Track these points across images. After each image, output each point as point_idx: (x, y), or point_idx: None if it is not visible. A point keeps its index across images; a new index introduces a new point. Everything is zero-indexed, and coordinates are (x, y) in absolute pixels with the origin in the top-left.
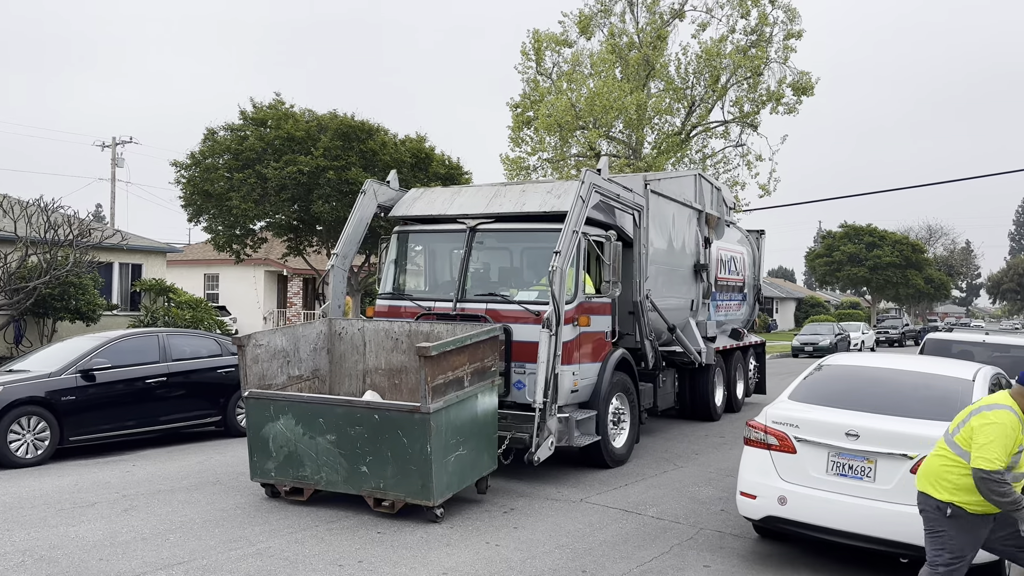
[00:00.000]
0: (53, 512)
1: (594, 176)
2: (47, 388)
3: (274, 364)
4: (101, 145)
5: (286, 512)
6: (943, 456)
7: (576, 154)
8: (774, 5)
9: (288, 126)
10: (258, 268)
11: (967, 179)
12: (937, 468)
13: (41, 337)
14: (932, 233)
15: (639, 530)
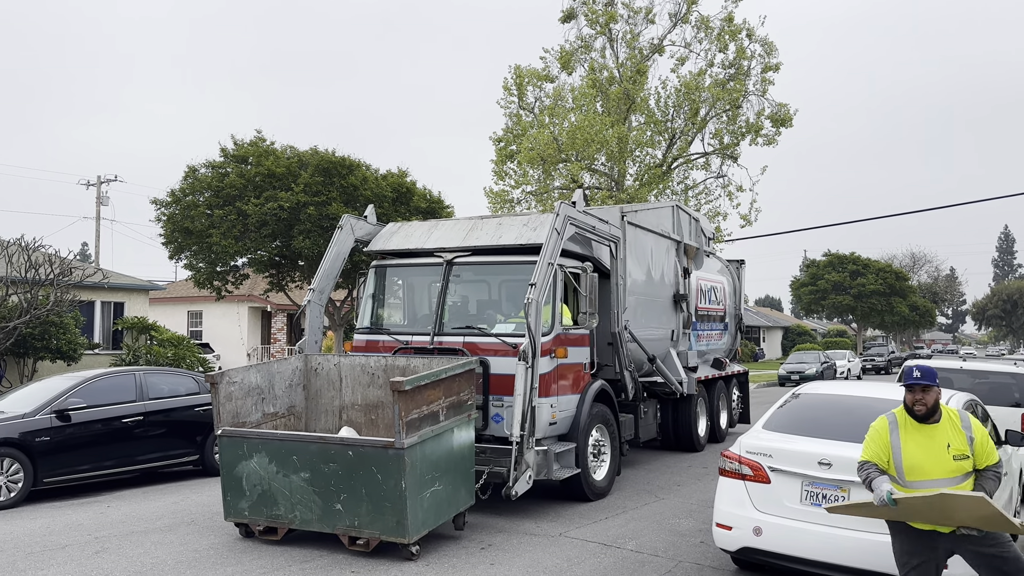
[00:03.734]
0: (22, 556)
1: (568, 208)
2: (21, 429)
3: (248, 401)
4: (86, 184)
5: (259, 552)
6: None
7: (559, 187)
8: (751, 39)
9: (269, 163)
10: (241, 304)
11: (949, 206)
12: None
13: (21, 377)
14: (916, 260)
15: (617, 564)
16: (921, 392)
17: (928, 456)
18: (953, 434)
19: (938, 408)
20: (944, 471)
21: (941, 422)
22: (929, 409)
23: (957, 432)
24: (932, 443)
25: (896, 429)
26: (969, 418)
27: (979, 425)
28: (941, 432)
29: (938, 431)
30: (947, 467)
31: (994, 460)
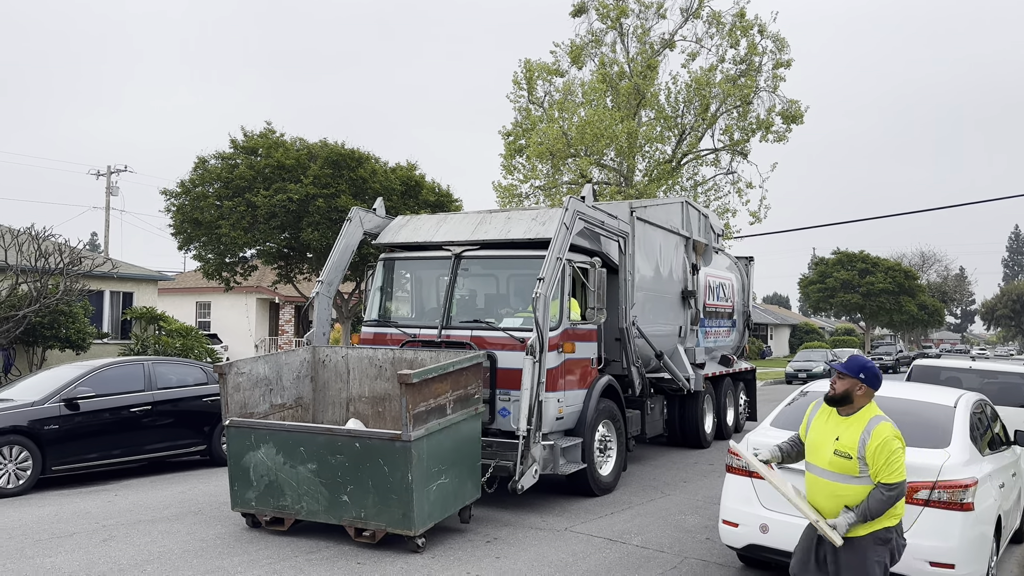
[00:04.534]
0: (31, 543)
1: (577, 203)
2: (30, 417)
3: (256, 392)
4: (96, 174)
5: (266, 542)
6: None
7: (568, 181)
8: (763, 35)
9: (278, 154)
10: (250, 296)
11: (960, 205)
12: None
13: (30, 366)
14: (925, 259)
15: (623, 560)
16: (837, 378)
17: (821, 441)
18: (850, 431)
19: (853, 401)
20: (824, 461)
21: (852, 417)
22: (837, 395)
23: (856, 431)
24: (828, 430)
25: (817, 408)
26: (882, 428)
27: (888, 439)
28: (844, 425)
29: (842, 423)
30: (827, 458)
31: (889, 480)
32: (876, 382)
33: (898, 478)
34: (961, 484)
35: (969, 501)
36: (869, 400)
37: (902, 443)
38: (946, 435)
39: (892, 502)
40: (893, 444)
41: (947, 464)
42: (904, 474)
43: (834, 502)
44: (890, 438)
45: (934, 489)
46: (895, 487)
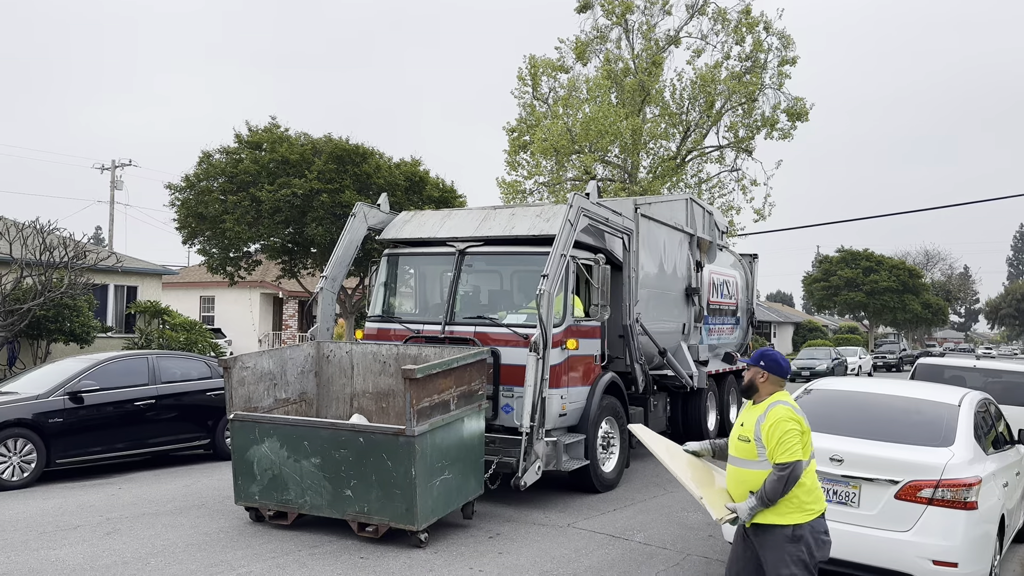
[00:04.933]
0: (35, 535)
1: (582, 200)
2: (34, 410)
3: (260, 387)
4: (100, 168)
5: (269, 536)
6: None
7: (572, 178)
8: (769, 32)
9: (283, 149)
10: (254, 290)
11: (964, 204)
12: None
13: (35, 359)
14: (929, 258)
15: (625, 556)
16: (745, 369)
17: (734, 431)
18: (752, 416)
19: (759, 389)
20: (734, 448)
21: (759, 404)
22: (744, 386)
23: (755, 416)
24: (740, 420)
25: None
26: (778, 410)
27: (781, 419)
28: (749, 412)
29: (750, 410)
30: (735, 444)
31: (781, 460)
32: (777, 368)
33: (789, 458)
34: (965, 483)
35: (973, 500)
36: (776, 388)
37: (800, 426)
38: (950, 434)
39: (784, 484)
40: (786, 424)
41: (951, 463)
42: (798, 456)
43: (741, 488)
44: (783, 419)
45: (937, 488)
46: (786, 467)
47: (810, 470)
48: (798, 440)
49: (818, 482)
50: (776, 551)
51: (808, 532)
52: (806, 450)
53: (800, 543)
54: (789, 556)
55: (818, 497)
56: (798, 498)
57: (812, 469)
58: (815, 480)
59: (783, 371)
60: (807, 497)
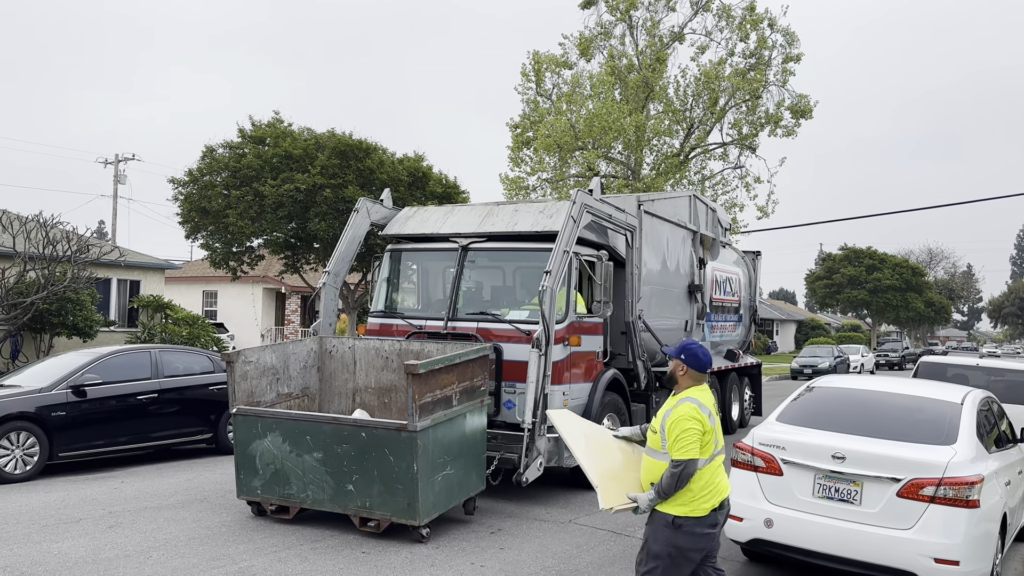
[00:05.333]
0: (38, 528)
1: (585, 196)
2: (37, 403)
3: (263, 381)
4: (104, 162)
5: (271, 530)
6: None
7: (575, 174)
8: (773, 29)
9: (286, 144)
10: (256, 285)
11: (968, 202)
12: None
13: (38, 352)
14: (933, 256)
15: (627, 552)
16: (669, 360)
17: (653, 420)
18: (664, 408)
19: (678, 381)
20: (648, 437)
21: (674, 397)
22: (667, 377)
23: (666, 408)
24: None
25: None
26: (684, 407)
27: (683, 416)
28: (667, 403)
29: (667, 402)
30: (649, 434)
31: (675, 456)
32: (696, 364)
33: (683, 456)
34: (967, 481)
35: (975, 498)
36: (693, 382)
37: (701, 425)
38: (952, 432)
39: (677, 480)
40: (686, 423)
41: (953, 461)
42: (692, 455)
43: (648, 476)
44: (685, 417)
45: (940, 486)
46: (679, 464)
47: (711, 467)
48: (696, 439)
49: (719, 478)
50: (655, 528)
51: (688, 525)
52: (705, 449)
53: (678, 532)
54: (663, 537)
55: (712, 493)
56: (690, 492)
57: (714, 466)
58: (714, 477)
59: (702, 367)
60: (699, 493)
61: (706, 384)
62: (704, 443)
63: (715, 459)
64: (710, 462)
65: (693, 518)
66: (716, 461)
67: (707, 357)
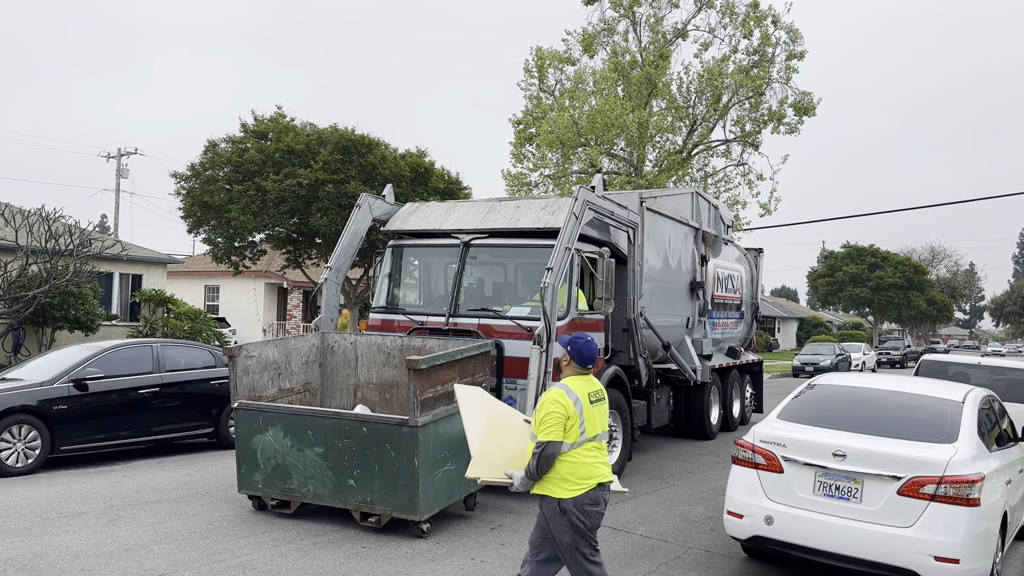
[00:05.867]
0: (39, 521)
1: (588, 193)
2: (39, 397)
3: (265, 376)
4: (106, 156)
5: (272, 525)
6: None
7: (578, 171)
8: (777, 26)
9: (288, 139)
10: (258, 280)
11: (970, 201)
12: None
13: (40, 346)
14: (935, 255)
15: (627, 548)
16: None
17: None
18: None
19: (562, 371)
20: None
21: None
22: (555, 367)
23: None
24: None
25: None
26: (552, 392)
27: (547, 400)
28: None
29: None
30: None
31: (539, 438)
32: (578, 357)
33: (544, 437)
34: (968, 479)
35: (975, 497)
36: (575, 372)
37: (565, 410)
38: (954, 430)
39: (538, 460)
40: (549, 407)
41: (954, 459)
42: (551, 436)
43: (528, 458)
44: (550, 400)
45: (940, 484)
46: (540, 446)
47: (580, 451)
48: (558, 423)
49: (592, 461)
50: (553, 520)
51: (571, 506)
52: (570, 433)
53: (567, 515)
54: (564, 524)
55: (586, 475)
56: (560, 475)
57: (585, 450)
58: (585, 460)
59: (583, 360)
60: (571, 475)
61: (590, 376)
62: (568, 427)
63: (585, 444)
64: (577, 447)
65: (574, 499)
66: (587, 447)
67: (590, 352)
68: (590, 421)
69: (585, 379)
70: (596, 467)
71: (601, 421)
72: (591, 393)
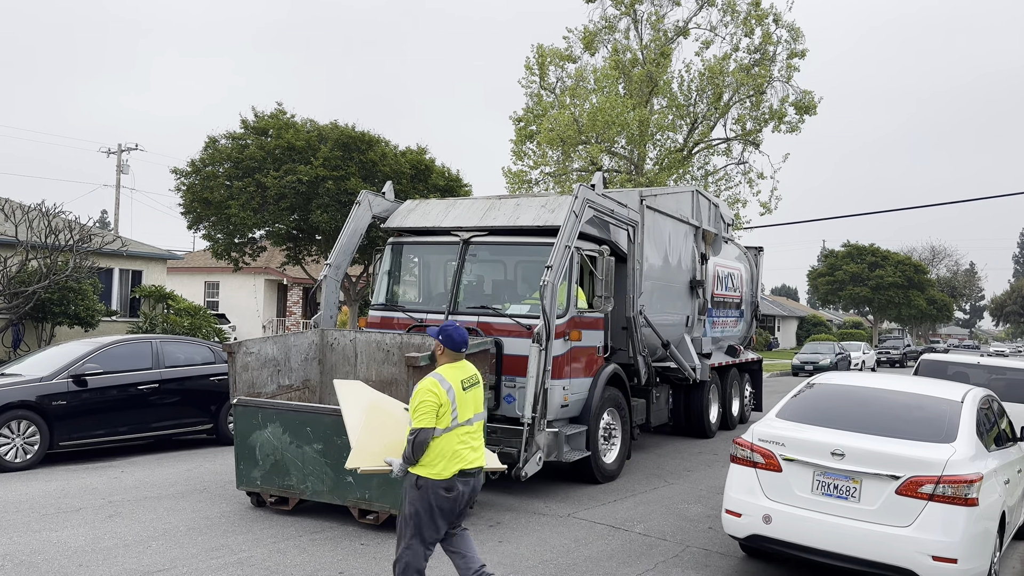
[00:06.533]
0: (37, 517)
1: (588, 191)
2: (38, 392)
3: (264, 372)
4: (107, 152)
5: (270, 521)
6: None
7: (578, 168)
8: (778, 24)
9: (289, 135)
10: (258, 277)
11: (971, 200)
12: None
13: (39, 341)
14: (935, 254)
15: (625, 547)
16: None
17: None
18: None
19: (437, 360)
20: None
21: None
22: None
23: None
24: None
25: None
26: (425, 381)
27: (421, 389)
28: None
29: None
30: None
31: (413, 424)
32: (450, 343)
33: (416, 424)
34: (966, 479)
35: (974, 496)
36: (448, 360)
37: (437, 398)
38: (952, 430)
39: (412, 446)
40: (423, 395)
41: (953, 459)
42: (424, 423)
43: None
44: (423, 389)
45: (939, 483)
46: (414, 432)
47: (450, 436)
48: (431, 410)
49: (460, 448)
50: (408, 491)
51: (427, 485)
52: (442, 420)
53: (420, 491)
54: (414, 498)
55: (452, 460)
56: (430, 456)
57: (455, 435)
58: (454, 446)
59: (455, 345)
60: (437, 458)
61: (463, 361)
62: (440, 414)
63: (456, 429)
64: (448, 432)
65: (432, 479)
66: (458, 432)
67: (460, 337)
68: (462, 407)
69: (458, 366)
70: (462, 452)
71: (475, 404)
72: (464, 379)
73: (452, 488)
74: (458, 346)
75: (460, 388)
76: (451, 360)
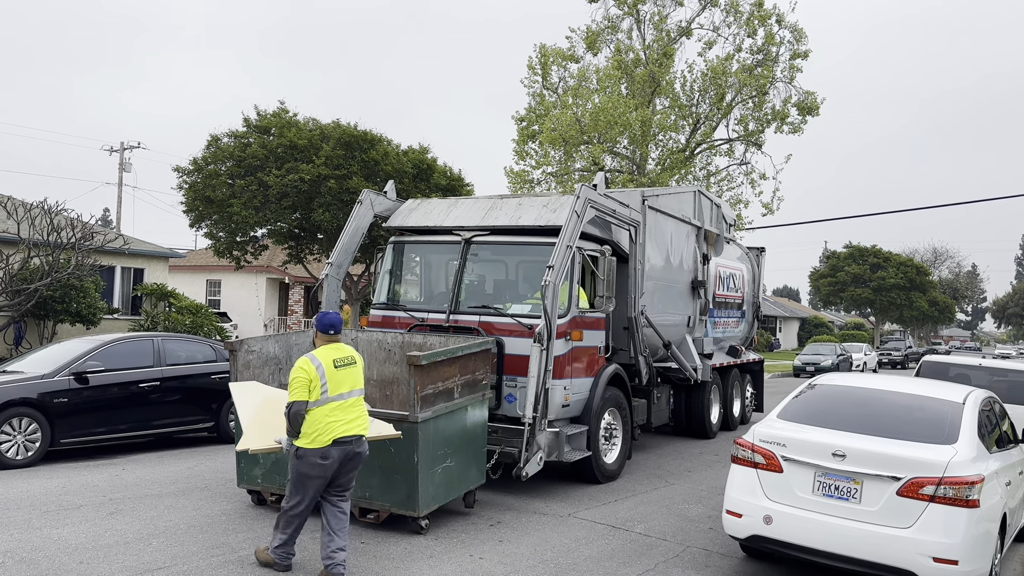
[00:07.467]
0: (38, 514)
1: (589, 191)
2: (40, 390)
3: (266, 371)
4: (109, 150)
5: (271, 520)
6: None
7: (580, 168)
8: (781, 25)
9: (291, 134)
10: (260, 275)
11: (974, 202)
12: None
13: (41, 339)
14: (938, 256)
15: (625, 547)
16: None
17: None
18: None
19: (315, 344)
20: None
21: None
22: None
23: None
24: None
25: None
26: (299, 360)
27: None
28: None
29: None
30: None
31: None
32: (320, 326)
33: (290, 398)
34: (967, 481)
35: (975, 498)
36: (323, 342)
37: (307, 374)
38: (954, 431)
39: (289, 419)
40: (295, 372)
41: (954, 460)
42: (295, 397)
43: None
44: (296, 368)
45: (940, 485)
46: (288, 406)
47: (323, 409)
48: (303, 386)
49: (332, 420)
50: (291, 460)
51: (306, 454)
52: (313, 393)
53: (300, 460)
54: (296, 465)
55: (325, 431)
56: (306, 428)
57: (328, 408)
58: (327, 417)
59: (323, 327)
60: (311, 429)
61: (339, 344)
62: (312, 388)
63: (329, 403)
64: (321, 405)
65: (308, 448)
66: (330, 405)
67: (329, 320)
68: (333, 383)
69: (334, 347)
70: (333, 425)
71: (352, 381)
72: (337, 359)
73: (327, 456)
74: (325, 328)
75: (332, 366)
76: (325, 342)
